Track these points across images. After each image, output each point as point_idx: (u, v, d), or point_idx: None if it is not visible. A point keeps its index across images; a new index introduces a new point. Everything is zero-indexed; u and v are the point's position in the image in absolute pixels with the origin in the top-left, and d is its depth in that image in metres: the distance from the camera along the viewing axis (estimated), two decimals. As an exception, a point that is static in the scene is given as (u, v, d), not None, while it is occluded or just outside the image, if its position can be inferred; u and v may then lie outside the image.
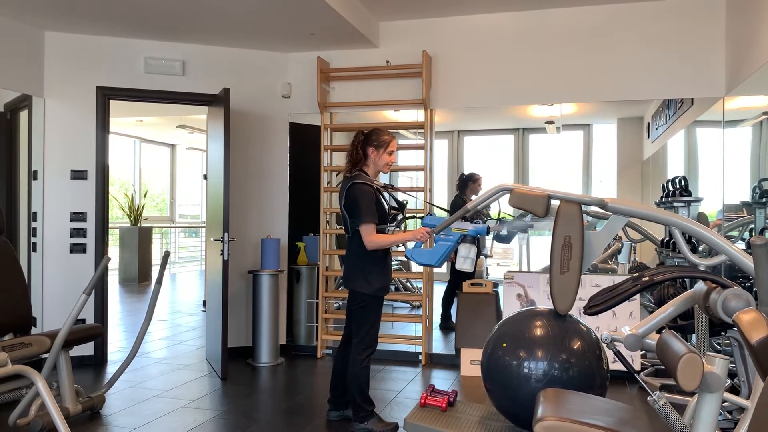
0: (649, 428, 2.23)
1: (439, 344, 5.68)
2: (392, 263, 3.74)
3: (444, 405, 3.33)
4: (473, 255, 3.34)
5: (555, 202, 3.24)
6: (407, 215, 3.91)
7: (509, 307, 4.78)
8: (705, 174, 5.21)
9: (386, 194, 3.63)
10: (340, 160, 5.63)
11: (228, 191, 4.73)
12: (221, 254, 4.72)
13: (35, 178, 5.09)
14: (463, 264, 3.33)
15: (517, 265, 6.07)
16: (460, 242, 3.33)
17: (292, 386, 4.63)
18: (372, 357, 3.57)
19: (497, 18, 5.18)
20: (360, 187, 3.45)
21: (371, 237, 3.40)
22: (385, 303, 3.69)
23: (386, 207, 3.58)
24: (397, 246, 3.81)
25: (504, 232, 5.02)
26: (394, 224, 3.64)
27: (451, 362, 5.15)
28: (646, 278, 2.60)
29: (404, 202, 3.78)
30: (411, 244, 3.47)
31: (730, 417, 3.34)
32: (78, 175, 5.09)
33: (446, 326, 6.07)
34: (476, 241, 3.35)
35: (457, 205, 6.06)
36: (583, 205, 3.21)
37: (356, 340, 3.54)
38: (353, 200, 3.44)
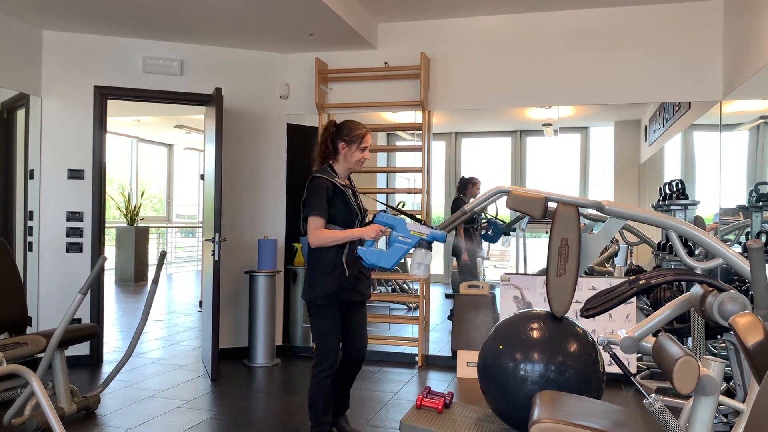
0: (645, 431, 2.23)
1: (436, 346, 5.67)
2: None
3: (440, 407, 3.33)
4: (428, 261, 3.07)
5: (552, 205, 3.24)
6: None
7: (506, 309, 4.78)
8: (702, 177, 5.22)
9: (353, 197, 3.26)
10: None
11: (220, 191, 4.72)
12: (212, 255, 4.72)
13: (32, 177, 5.07)
14: (417, 270, 3.07)
15: (514, 268, 6.07)
16: (416, 246, 3.07)
17: (288, 387, 4.62)
18: (330, 374, 3.13)
19: (495, 20, 5.18)
20: (316, 180, 3.13)
21: (316, 231, 3.05)
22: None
23: (354, 207, 3.20)
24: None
25: (491, 232, 5.06)
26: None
27: (447, 364, 5.15)
28: (643, 281, 2.60)
29: (366, 211, 3.38)
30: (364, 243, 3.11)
31: (725, 420, 3.34)
32: (75, 174, 5.07)
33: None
34: (431, 246, 3.09)
35: (458, 207, 6.09)
36: (580, 208, 3.21)
37: (315, 352, 3.20)
38: (306, 194, 3.14)
